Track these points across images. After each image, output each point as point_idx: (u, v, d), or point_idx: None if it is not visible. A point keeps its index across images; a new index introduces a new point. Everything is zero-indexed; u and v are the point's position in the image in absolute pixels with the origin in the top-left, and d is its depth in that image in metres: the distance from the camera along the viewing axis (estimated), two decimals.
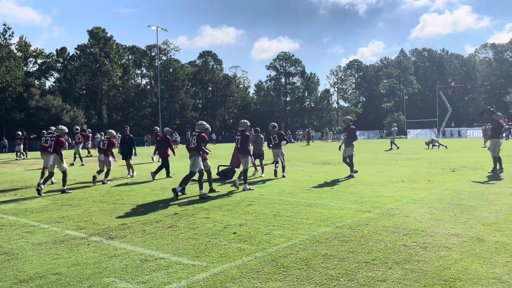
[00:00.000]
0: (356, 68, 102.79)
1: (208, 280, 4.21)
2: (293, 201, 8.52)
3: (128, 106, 72.04)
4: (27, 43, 62.19)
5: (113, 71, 66.15)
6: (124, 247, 5.46)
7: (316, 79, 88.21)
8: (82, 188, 11.43)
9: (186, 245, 5.49)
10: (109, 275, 4.42)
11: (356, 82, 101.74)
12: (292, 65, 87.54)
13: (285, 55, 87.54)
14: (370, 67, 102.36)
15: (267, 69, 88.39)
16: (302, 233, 5.95)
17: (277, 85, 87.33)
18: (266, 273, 4.37)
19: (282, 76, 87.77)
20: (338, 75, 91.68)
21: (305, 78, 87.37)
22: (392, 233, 5.81)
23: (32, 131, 40.57)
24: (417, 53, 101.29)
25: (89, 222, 7.04)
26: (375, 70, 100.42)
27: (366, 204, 8.03)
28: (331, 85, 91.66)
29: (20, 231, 6.48)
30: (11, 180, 13.81)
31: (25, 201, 9.52)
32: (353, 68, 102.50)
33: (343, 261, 4.69)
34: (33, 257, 5.10)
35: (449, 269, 4.39)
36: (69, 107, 57.33)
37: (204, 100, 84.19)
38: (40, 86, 63.64)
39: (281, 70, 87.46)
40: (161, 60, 75.11)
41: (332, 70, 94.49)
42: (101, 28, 66.08)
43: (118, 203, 8.82)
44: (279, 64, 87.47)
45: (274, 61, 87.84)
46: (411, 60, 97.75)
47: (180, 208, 8.04)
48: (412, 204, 7.87)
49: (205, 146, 9.95)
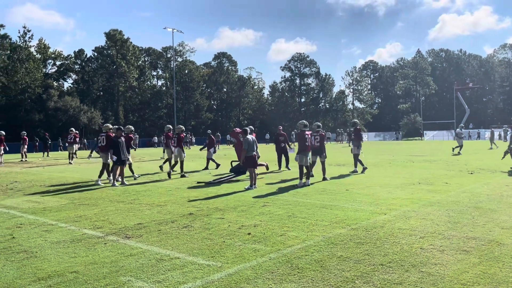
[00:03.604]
0: (372, 69, 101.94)
1: (223, 280, 4.23)
2: (307, 203, 8.49)
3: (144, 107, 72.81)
4: (46, 45, 63.33)
5: (129, 72, 66.88)
6: (140, 246, 5.51)
7: (331, 80, 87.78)
8: (98, 188, 11.58)
9: (201, 245, 5.52)
10: (125, 274, 4.47)
11: (371, 83, 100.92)
12: (307, 66, 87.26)
13: (300, 56, 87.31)
14: (386, 68, 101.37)
15: (282, 70, 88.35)
16: (317, 234, 5.92)
17: (292, 86, 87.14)
18: (280, 274, 4.37)
19: (297, 77, 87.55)
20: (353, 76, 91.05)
21: (320, 79, 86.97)
22: (408, 236, 5.74)
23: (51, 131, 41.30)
24: (434, 54, 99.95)
25: (105, 221, 7.13)
26: (391, 71, 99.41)
27: (382, 206, 7.95)
28: (347, 86, 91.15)
29: (38, 230, 6.60)
30: (30, 179, 14.08)
31: (44, 200, 9.70)
32: (369, 69, 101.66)
33: (358, 263, 4.66)
34: (51, 256, 5.19)
35: (467, 272, 4.31)
36: (87, 108, 58.20)
37: (219, 101, 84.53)
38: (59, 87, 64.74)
39: (296, 71, 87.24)
40: (176, 62, 75.69)
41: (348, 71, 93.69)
42: (118, 30, 66.94)
43: (134, 203, 8.92)
44: (294, 65, 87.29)
45: (289, 62, 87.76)
46: (428, 61, 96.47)
47: (195, 209, 8.08)
48: (429, 207, 7.76)
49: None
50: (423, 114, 78.61)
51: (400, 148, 32.97)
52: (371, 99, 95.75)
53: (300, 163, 11.31)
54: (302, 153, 11.32)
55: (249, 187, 10.72)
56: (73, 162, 22.22)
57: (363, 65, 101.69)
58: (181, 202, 8.90)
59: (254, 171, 11.09)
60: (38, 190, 11.36)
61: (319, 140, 12.22)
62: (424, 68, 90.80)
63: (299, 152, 11.39)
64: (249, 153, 11.26)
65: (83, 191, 10.97)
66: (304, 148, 11.34)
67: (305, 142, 11.37)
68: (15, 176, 15.41)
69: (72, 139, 23.14)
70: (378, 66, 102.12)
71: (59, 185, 12.44)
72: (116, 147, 12.16)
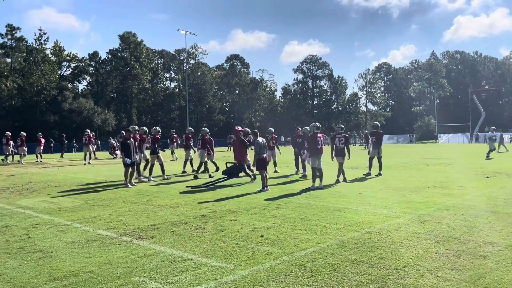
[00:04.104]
0: (385, 71, 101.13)
1: (236, 282, 4.22)
2: (320, 205, 8.45)
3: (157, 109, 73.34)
4: (61, 48, 64.25)
5: (142, 74, 67.48)
6: (153, 247, 5.54)
7: (344, 82, 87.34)
8: (112, 189, 11.68)
9: (214, 247, 5.52)
10: (139, 274, 4.49)
11: (385, 86, 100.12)
12: (319, 68, 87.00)
13: (313, 58, 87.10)
14: (399, 70, 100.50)
15: (294, 72, 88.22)
16: (330, 237, 5.88)
17: (304, 89, 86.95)
18: (294, 277, 4.34)
19: (310, 79, 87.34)
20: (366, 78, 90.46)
21: (333, 81, 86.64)
22: (423, 240, 5.66)
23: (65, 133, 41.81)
24: (449, 56, 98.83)
25: (119, 222, 7.19)
26: (405, 73, 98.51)
27: (396, 209, 7.87)
28: (359, 89, 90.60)
29: (54, 230, 6.67)
30: (45, 180, 14.28)
31: (59, 200, 9.82)
32: (382, 71, 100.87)
33: (372, 267, 4.61)
34: (67, 256, 5.24)
35: (484, 278, 4.24)
36: (100, 110, 58.85)
37: (231, 103, 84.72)
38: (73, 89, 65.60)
39: (308, 74, 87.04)
40: (189, 64, 76.16)
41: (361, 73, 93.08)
42: (131, 32, 67.60)
43: (147, 204, 8.97)
44: (306, 67, 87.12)
45: (301, 64, 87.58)
46: (443, 63, 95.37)
47: (208, 210, 8.10)
48: (444, 211, 7.66)
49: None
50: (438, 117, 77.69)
51: (414, 151, 32.63)
52: (385, 101, 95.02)
53: (312, 166, 11.27)
54: (314, 155, 11.28)
55: (261, 189, 10.71)
56: (91, 162, 22.54)
57: (376, 67, 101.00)
58: (193, 204, 8.93)
59: (265, 173, 11.06)
60: (53, 191, 11.51)
61: (344, 142, 12.37)
62: (438, 70, 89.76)
63: (311, 154, 11.35)
64: (261, 155, 11.23)
65: (97, 192, 11.08)
66: (316, 150, 11.29)
67: (317, 144, 11.32)
68: (31, 176, 15.64)
69: (87, 140, 23.59)
70: (391, 68, 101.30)
71: (74, 185, 12.59)
72: (126, 149, 12.27)
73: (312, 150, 11.34)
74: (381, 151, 14.32)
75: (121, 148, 12.61)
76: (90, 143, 23.92)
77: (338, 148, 12.35)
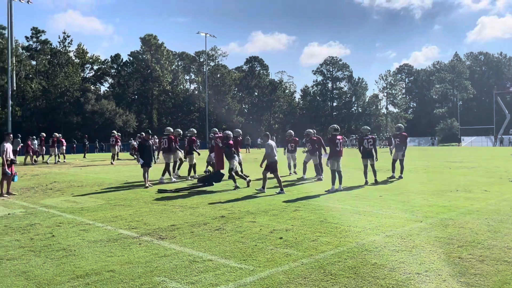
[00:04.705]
0: (406, 73, 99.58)
1: (255, 284, 4.23)
2: (340, 208, 8.38)
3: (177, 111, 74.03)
4: (84, 50, 65.58)
5: (163, 76, 68.27)
6: (173, 247, 5.60)
7: (364, 84, 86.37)
8: (133, 189, 11.85)
9: (233, 248, 5.54)
10: (160, 274, 4.55)
11: (406, 87, 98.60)
12: (339, 69, 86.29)
13: (333, 60, 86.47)
14: (421, 72, 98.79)
15: (314, 74, 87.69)
16: (350, 240, 5.83)
17: (324, 90, 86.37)
18: (313, 279, 4.32)
19: (329, 81, 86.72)
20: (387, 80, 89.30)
21: (353, 83, 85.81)
22: (446, 244, 5.56)
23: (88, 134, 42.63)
24: (472, 57, 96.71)
25: (140, 222, 7.29)
26: (426, 74, 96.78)
27: (418, 213, 7.74)
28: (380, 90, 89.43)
29: (77, 229, 6.81)
30: (68, 180, 14.58)
31: (81, 200, 10.01)
32: (404, 72, 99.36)
33: (393, 271, 4.55)
34: (89, 254, 5.35)
35: (508, 284, 4.14)
36: (122, 111, 59.77)
37: (250, 105, 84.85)
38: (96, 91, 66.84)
39: (328, 75, 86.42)
40: (209, 66, 76.68)
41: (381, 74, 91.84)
42: (152, 35, 68.46)
43: (167, 205, 9.07)
44: (326, 69, 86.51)
45: (321, 66, 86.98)
46: (466, 64, 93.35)
47: (227, 211, 8.13)
48: (467, 215, 7.50)
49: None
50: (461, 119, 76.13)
51: (436, 154, 32.06)
52: (406, 103, 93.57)
53: (331, 168, 11.19)
54: (333, 158, 11.20)
55: (280, 192, 10.68)
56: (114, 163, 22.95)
57: (397, 69, 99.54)
58: (212, 205, 8.98)
59: (278, 175, 10.99)
60: (76, 190, 11.75)
61: (372, 143, 12.67)
62: (462, 71, 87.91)
63: (330, 157, 11.27)
64: (273, 158, 11.02)
65: (118, 192, 11.26)
66: (335, 153, 11.21)
67: (336, 147, 11.24)
68: (54, 176, 15.99)
69: (114, 141, 24.18)
70: (413, 70, 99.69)
71: (96, 185, 12.82)
72: (142, 150, 12.52)
73: (331, 152, 11.26)
74: (404, 153, 14.18)
75: (138, 149, 12.98)
76: (116, 144, 24.46)
77: (367, 149, 12.63)
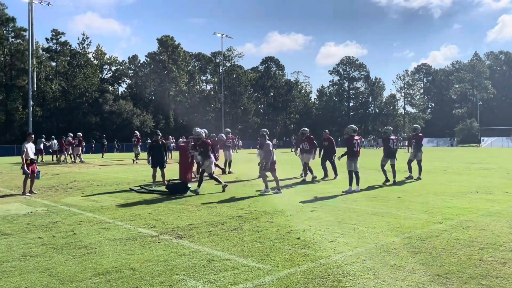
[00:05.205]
0: (425, 73, 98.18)
1: (273, 283, 4.24)
2: (357, 209, 8.33)
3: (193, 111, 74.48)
4: (103, 51, 66.57)
5: (180, 77, 68.79)
6: (192, 246, 5.65)
7: (381, 84, 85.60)
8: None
9: (250, 247, 5.57)
10: (179, 272, 4.60)
11: (424, 87, 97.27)
12: (356, 69, 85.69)
13: (349, 60, 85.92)
14: (440, 71, 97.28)
15: (330, 74, 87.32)
16: (369, 242, 5.80)
17: (340, 90, 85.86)
18: (331, 280, 4.31)
19: (346, 81, 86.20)
20: (405, 80, 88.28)
21: (370, 83, 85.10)
22: (466, 247, 5.48)
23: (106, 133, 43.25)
24: (492, 56, 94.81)
25: (159, 221, 7.38)
26: (445, 74, 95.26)
27: (437, 215, 7.65)
28: (398, 90, 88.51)
29: (97, 227, 6.94)
30: (88, 179, 14.83)
31: (101, 199, 10.18)
32: (422, 72, 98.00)
33: (413, 273, 4.51)
34: (109, 252, 5.44)
35: None
36: (139, 112, 60.49)
37: (266, 105, 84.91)
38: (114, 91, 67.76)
39: (344, 75, 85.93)
40: (225, 67, 76.97)
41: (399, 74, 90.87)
42: (169, 36, 69.08)
43: (185, 204, 9.15)
44: (342, 69, 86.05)
45: (337, 65, 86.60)
46: (486, 63, 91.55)
47: (244, 211, 8.17)
48: (488, 217, 7.37)
49: None
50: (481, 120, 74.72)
51: (455, 155, 31.55)
52: (424, 103, 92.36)
53: (348, 169, 11.12)
54: (350, 158, 11.13)
55: (277, 191, 10.68)
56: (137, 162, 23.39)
57: (415, 68, 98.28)
58: (230, 204, 9.03)
59: (276, 176, 10.92)
60: (95, 189, 11.95)
61: (396, 144, 12.91)
62: (481, 71, 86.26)
63: (348, 157, 11.19)
64: (271, 158, 10.90)
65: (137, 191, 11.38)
66: (353, 153, 11.14)
67: (353, 147, 11.17)
68: (74, 175, 16.29)
69: (136, 141, 24.69)
70: (431, 69, 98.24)
71: (114, 185, 13.01)
72: (151, 151, 12.76)
73: (349, 153, 11.19)
74: (421, 154, 14.06)
75: (147, 150, 13.25)
76: (138, 143, 24.87)
77: (392, 150, 12.81)
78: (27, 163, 11.11)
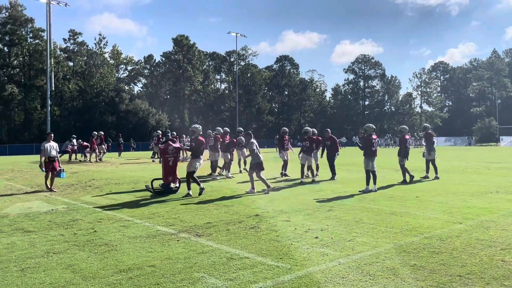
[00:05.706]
0: (442, 71, 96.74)
1: (293, 282, 4.25)
2: (375, 209, 8.28)
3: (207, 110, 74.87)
4: (119, 51, 67.43)
5: (194, 76, 69.17)
6: (210, 244, 5.70)
7: (397, 82, 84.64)
8: None
9: (268, 246, 5.59)
10: (199, 270, 4.64)
11: (441, 85, 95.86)
12: (371, 68, 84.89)
13: (365, 58, 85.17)
14: (457, 69, 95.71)
15: (345, 72, 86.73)
16: (388, 241, 5.76)
17: (355, 89, 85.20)
18: (351, 280, 4.30)
19: (361, 79, 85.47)
20: (422, 78, 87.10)
21: (385, 81, 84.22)
22: (488, 247, 5.40)
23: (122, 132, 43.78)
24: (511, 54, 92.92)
25: (177, 219, 7.45)
26: (463, 72, 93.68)
27: (457, 215, 7.55)
28: (414, 89, 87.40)
29: (117, 225, 7.04)
30: (106, 178, 15.04)
31: (120, 197, 10.31)
32: (439, 70, 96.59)
33: (434, 273, 4.47)
34: (130, 249, 5.52)
35: None
36: (155, 111, 61.02)
37: (280, 104, 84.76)
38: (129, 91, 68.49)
39: (359, 73, 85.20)
40: (239, 66, 77.11)
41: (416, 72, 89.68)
42: (184, 36, 69.48)
43: (202, 202, 9.21)
44: (357, 67, 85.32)
45: (352, 64, 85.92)
46: (505, 61, 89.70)
47: (261, 210, 8.19)
48: (509, 217, 7.25)
49: None
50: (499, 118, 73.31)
51: (473, 154, 31.05)
52: (441, 102, 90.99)
53: (366, 168, 11.05)
54: (367, 157, 11.06)
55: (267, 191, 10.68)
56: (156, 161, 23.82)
57: (432, 66, 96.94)
58: (246, 203, 9.06)
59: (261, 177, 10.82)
60: (113, 188, 12.11)
61: (409, 143, 13.32)
62: (500, 69, 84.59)
63: (365, 156, 11.13)
64: (258, 159, 10.89)
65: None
66: (370, 152, 11.05)
67: (371, 146, 11.08)
68: (92, 174, 16.53)
69: (156, 140, 25.12)
70: (449, 67, 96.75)
71: (132, 183, 13.16)
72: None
73: (366, 152, 11.11)
74: (434, 153, 13.96)
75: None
76: (158, 143, 25.19)
77: (408, 149, 13.08)
78: (45, 162, 11.42)
